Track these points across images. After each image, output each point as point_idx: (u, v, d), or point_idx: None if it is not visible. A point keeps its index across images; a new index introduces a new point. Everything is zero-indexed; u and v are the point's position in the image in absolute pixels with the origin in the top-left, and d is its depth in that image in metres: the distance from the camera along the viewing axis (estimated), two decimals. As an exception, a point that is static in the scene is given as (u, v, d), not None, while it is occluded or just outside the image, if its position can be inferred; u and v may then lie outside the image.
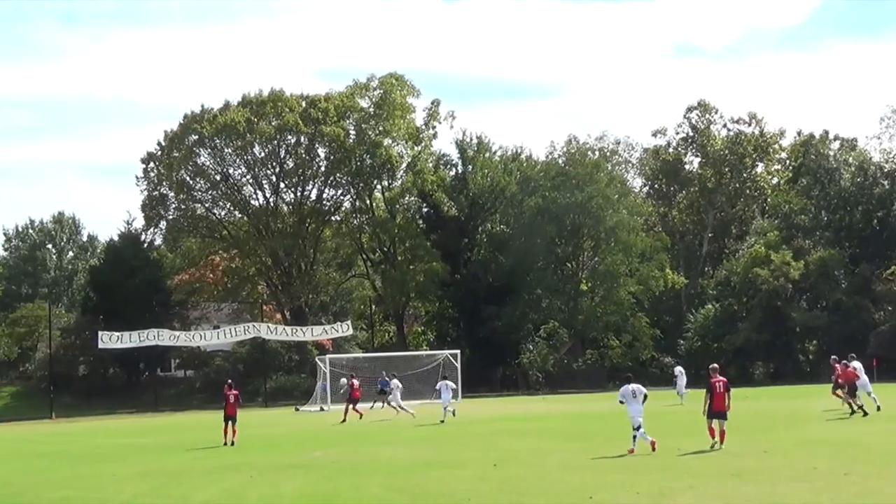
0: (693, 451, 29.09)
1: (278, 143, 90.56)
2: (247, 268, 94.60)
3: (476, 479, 25.25)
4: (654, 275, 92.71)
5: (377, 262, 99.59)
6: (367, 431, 45.16)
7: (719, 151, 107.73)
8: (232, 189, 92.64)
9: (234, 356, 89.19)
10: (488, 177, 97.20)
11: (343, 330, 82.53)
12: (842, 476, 22.89)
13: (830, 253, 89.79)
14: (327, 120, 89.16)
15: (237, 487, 26.06)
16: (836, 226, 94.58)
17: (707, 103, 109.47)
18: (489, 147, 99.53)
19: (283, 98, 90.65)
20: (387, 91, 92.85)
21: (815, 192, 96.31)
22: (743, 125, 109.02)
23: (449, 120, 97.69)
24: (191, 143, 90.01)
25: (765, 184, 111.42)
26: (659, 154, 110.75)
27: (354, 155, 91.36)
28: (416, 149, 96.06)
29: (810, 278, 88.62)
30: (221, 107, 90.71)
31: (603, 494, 21.70)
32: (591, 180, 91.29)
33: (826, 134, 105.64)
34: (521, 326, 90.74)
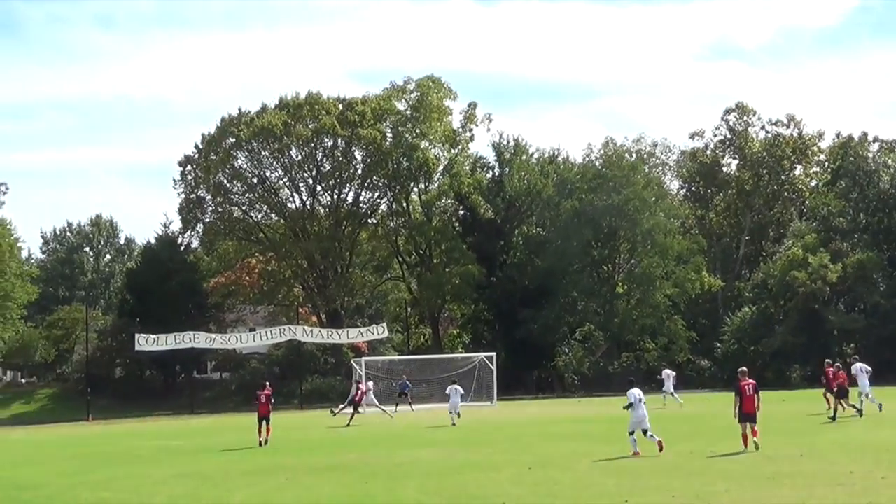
0: (728, 455, 28.98)
1: (315, 145, 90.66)
2: (283, 270, 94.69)
3: (510, 483, 25.23)
4: (690, 277, 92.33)
5: (413, 264, 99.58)
6: (402, 434, 45.17)
7: (757, 153, 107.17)
8: (268, 192, 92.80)
9: (270, 358, 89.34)
10: (525, 179, 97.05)
11: (378, 332, 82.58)
12: (879, 480, 22.77)
13: (868, 256, 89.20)
14: (364, 123, 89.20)
15: (272, 490, 26.13)
16: (874, 228, 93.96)
17: (745, 105, 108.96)
18: (526, 149, 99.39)
19: (319, 101, 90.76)
20: (423, 93, 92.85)
21: (854, 194, 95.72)
22: (781, 127, 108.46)
23: (486, 122, 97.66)
24: (228, 145, 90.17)
25: (803, 186, 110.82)
26: (696, 156, 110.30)
27: (391, 157, 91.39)
28: (452, 151, 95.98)
29: (848, 281, 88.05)
30: (258, 110, 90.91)
31: (638, 498, 21.65)
32: (627, 183, 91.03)
33: (865, 136, 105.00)
34: (556, 329, 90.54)
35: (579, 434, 40.38)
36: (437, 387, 71.22)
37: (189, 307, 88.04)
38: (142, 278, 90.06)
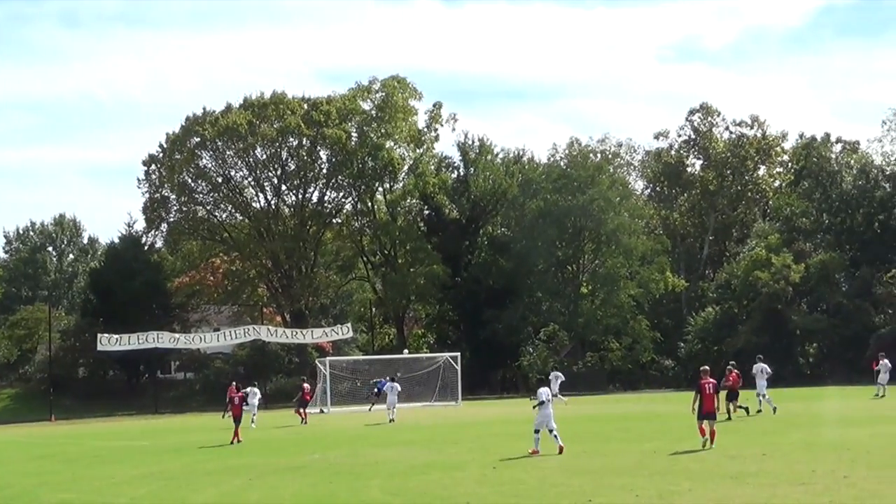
0: (691, 454, 29.10)
1: (280, 145, 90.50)
2: (247, 270, 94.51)
3: (475, 482, 25.26)
4: (654, 277, 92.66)
5: (378, 264, 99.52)
6: (366, 434, 45.16)
7: (721, 154, 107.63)
8: (233, 191, 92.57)
9: (234, 358, 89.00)
10: (490, 179, 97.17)
11: (343, 332, 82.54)
12: (841, 479, 22.89)
13: (831, 256, 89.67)
14: (329, 122, 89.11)
15: (236, 490, 26.09)
16: (837, 229, 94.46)
17: (709, 106, 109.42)
18: (491, 149, 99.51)
19: (284, 100, 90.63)
20: (389, 93, 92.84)
21: (817, 194, 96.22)
22: (745, 128, 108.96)
23: (451, 122, 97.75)
24: (192, 145, 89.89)
25: (766, 186, 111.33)
26: (661, 156, 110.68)
27: (356, 157, 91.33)
28: (417, 151, 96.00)
29: (811, 281, 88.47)
30: (223, 109, 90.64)
31: (602, 498, 21.72)
32: (592, 183, 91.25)
33: (828, 137, 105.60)
34: (521, 329, 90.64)
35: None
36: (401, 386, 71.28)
37: (153, 307, 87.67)
38: (105, 278, 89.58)
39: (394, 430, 46.05)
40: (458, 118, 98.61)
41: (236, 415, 42.39)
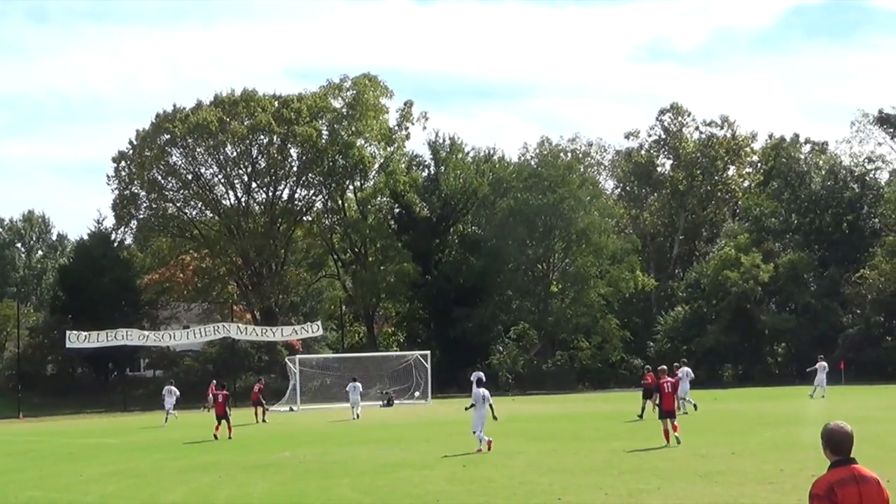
0: (660, 453, 29.22)
1: (250, 142, 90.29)
2: (217, 268, 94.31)
3: (445, 481, 25.28)
4: (624, 277, 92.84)
5: (348, 262, 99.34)
6: (335, 432, 45.15)
7: (691, 154, 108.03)
8: (203, 189, 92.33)
9: (204, 356, 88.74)
10: (460, 178, 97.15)
11: (313, 330, 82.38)
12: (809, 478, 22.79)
13: (800, 256, 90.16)
14: (300, 120, 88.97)
15: (205, 488, 26.04)
16: (805, 229, 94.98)
17: (679, 106, 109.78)
18: (462, 148, 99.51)
19: (255, 98, 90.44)
20: (360, 91, 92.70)
21: (786, 195, 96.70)
22: (715, 128, 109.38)
23: (422, 121, 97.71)
24: (162, 142, 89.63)
25: (736, 186, 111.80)
26: (631, 156, 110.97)
27: (327, 155, 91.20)
28: (388, 149, 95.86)
29: (780, 281, 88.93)
30: (194, 106, 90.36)
31: (571, 496, 21.76)
32: (563, 182, 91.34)
33: (797, 137, 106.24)
34: (491, 328, 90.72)
35: (513, 432, 40.47)
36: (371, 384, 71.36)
37: (122, 304, 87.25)
38: (74, 275, 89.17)
39: (363, 429, 46.05)
40: (429, 117, 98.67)
41: (219, 413, 43.35)
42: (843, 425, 8.67)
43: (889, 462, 25.42)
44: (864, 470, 8.56)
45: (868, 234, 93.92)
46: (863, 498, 8.40)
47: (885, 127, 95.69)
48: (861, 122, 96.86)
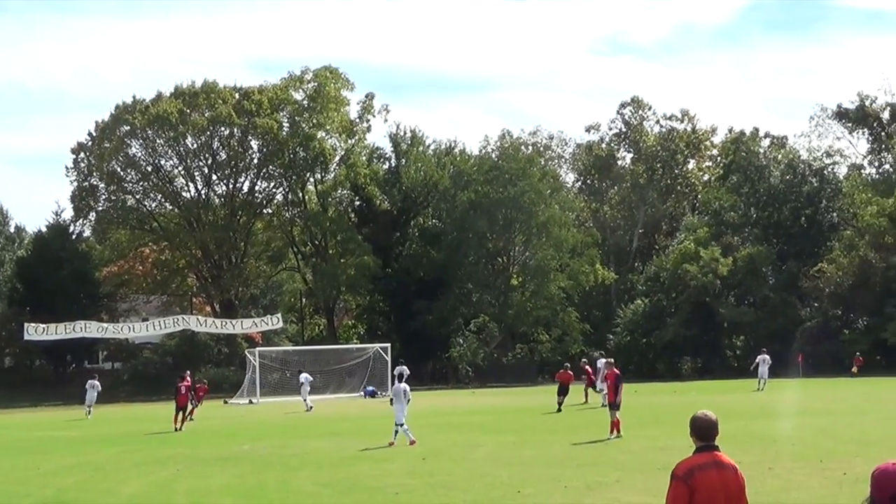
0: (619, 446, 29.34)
1: (211, 134, 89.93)
2: (177, 260, 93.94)
3: (404, 474, 25.29)
4: (584, 270, 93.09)
5: (308, 255, 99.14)
6: (295, 425, 45.10)
7: (651, 148, 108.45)
8: (163, 181, 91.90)
9: (163, 348, 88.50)
10: (421, 171, 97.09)
11: (273, 323, 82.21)
12: (766, 470, 23.13)
13: (759, 250, 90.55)
14: (261, 112, 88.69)
15: (164, 481, 25.96)
16: (764, 223, 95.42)
17: (640, 100, 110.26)
18: (423, 141, 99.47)
19: (216, 90, 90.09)
20: (321, 84, 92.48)
21: (745, 189, 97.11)
22: (675, 122, 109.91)
23: (383, 113, 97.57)
24: (122, 133, 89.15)
25: (696, 180, 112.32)
26: (592, 150, 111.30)
27: (287, 147, 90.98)
28: (349, 142, 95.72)
29: (738, 275, 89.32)
30: (154, 98, 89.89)
31: (530, 488, 21.80)
32: (523, 175, 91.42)
33: (756, 131, 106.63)
34: (451, 320, 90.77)
35: (473, 425, 40.55)
36: (331, 377, 71.36)
37: (81, 296, 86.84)
38: (32, 267, 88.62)
39: (323, 421, 45.99)
40: (391, 109, 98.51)
41: (181, 404, 44.82)
42: (708, 414, 9.27)
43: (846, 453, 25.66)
44: (724, 457, 9.07)
45: (826, 228, 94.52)
46: (719, 482, 8.86)
47: (844, 121, 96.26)
48: (820, 117, 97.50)
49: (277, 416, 52.54)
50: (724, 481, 8.88)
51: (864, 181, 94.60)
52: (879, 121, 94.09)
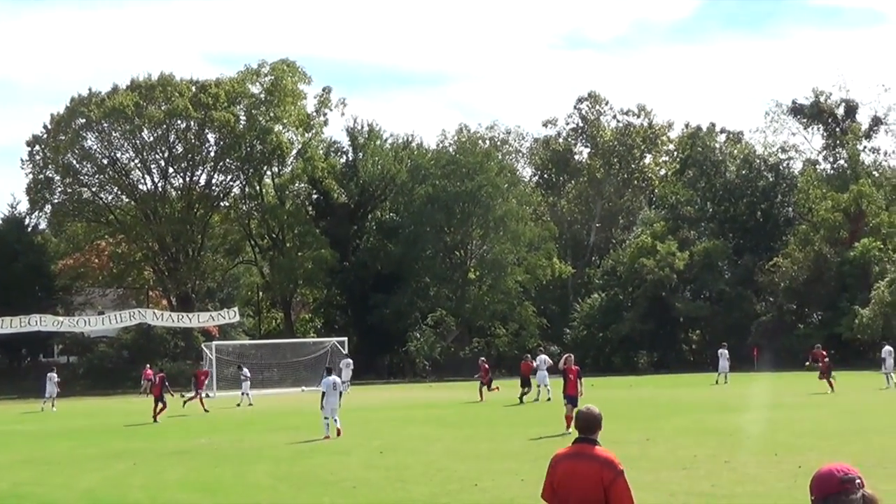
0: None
1: (167, 127, 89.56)
2: (133, 253, 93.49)
3: (362, 467, 25.33)
4: (541, 264, 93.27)
5: (265, 248, 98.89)
6: (252, 419, 45.04)
7: (608, 142, 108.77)
8: (119, 173, 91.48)
9: (119, 342, 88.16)
10: (378, 164, 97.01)
11: (230, 317, 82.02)
12: (722, 464, 23.31)
13: (715, 244, 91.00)
14: (217, 105, 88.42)
15: (120, 475, 25.88)
16: (720, 217, 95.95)
17: (597, 94, 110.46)
18: (380, 135, 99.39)
19: (172, 82, 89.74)
20: (278, 77, 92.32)
21: (701, 183, 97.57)
22: (632, 116, 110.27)
23: (340, 107, 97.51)
24: (78, 126, 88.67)
25: (652, 175, 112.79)
26: (549, 144, 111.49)
27: (244, 141, 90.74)
28: (306, 135, 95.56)
29: (695, 269, 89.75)
30: (110, 90, 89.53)
31: (488, 482, 21.88)
32: (481, 169, 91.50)
33: (713, 126, 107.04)
34: (408, 314, 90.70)
35: (430, 418, 40.64)
36: (288, 371, 71.24)
37: (36, 290, 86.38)
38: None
39: (279, 415, 45.95)
40: (348, 103, 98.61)
41: (157, 395, 45.90)
42: (592, 409, 9.55)
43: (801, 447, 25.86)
44: (594, 450, 9.30)
45: (781, 223, 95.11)
46: (574, 472, 9.18)
47: (799, 117, 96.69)
48: (775, 112, 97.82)
49: (234, 409, 52.47)
50: (580, 472, 9.15)
51: (818, 176, 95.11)
52: (834, 116, 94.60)
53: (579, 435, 9.45)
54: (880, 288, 77.87)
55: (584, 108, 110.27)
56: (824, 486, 5.95)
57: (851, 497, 5.87)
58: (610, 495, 9.05)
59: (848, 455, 24.01)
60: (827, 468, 6.01)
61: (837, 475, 5.94)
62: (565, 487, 9.18)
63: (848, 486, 5.88)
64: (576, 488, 9.11)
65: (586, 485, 9.07)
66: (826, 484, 5.95)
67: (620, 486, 9.10)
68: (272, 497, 21.48)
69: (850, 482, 5.90)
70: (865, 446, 25.64)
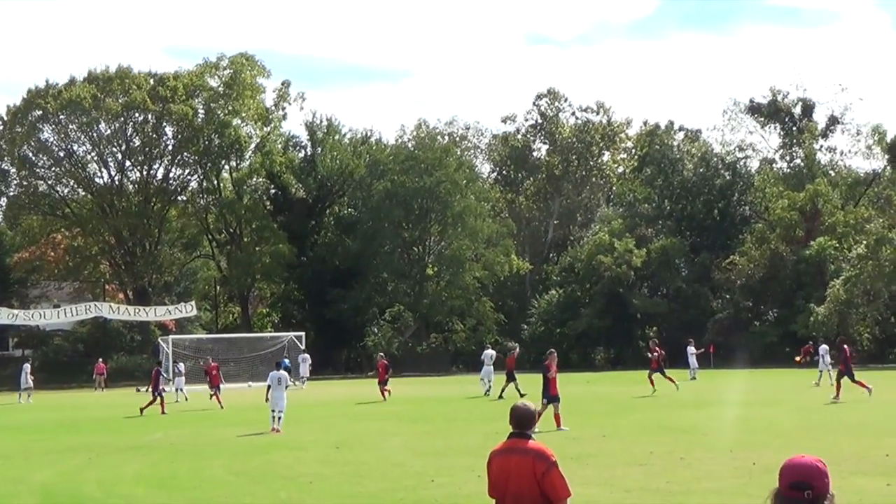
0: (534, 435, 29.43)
1: (125, 120, 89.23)
2: (89, 246, 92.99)
3: (318, 462, 25.27)
4: (499, 260, 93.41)
5: (223, 242, 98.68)
6: (209, 413, 44.89)
7: (567, 139, 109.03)
8: (76, 166, 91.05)
9: (74, 336, 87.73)
10: (337, 159, 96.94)
11: (187, 310, 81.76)
12: (678, 460, 23.39)
13: (672, 242, 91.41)
14: (175, 98, 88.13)
15: (74, 469, 25.72)
16: (677, 215, 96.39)
17: (556, 91, 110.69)
18: (339, 129, 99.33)
19: (130, 75, 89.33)
20: (236, 71, 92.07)
21: (659, 181, 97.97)
22: (591, 114, 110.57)
23: (299, 101, 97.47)
24: (34, 118, 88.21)
25: (610, 172, 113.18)
26: (508, 140, 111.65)
27: (202, 134, 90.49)
28: (264, 130, 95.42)
29: (652, 266, 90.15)
30: (67, 82, 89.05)
31: (444, 478, 21.86)
32: (439, 165, 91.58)
33: (671, 124, 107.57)
34: (366, 309, 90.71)
35: (387, 414, 40.60)
36: (245, 366, 71.02)
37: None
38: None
39: (235, 410, 45.79)
40: (307, 97, 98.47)
41: (154, 388, 46.42)
42: (527, 404, 9.67)
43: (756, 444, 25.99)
44: (526, 444, 9.33)
45: (738, 221, 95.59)
46: (508, 466, 9.24)
47: (756, 116, 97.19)
48: (732, 111, 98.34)
49: (191, 404, 52.29)
50: (513, 466, 9.21)
51: (775, 175, 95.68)
52: (791, 115, 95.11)
53: (513, 430, 9.48)
54: (835, 286, 78.35)
55: (543, 105, 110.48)
56: (789, 474, 5.98)
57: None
58: (543, 487, 9.07)
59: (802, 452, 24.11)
60: (796, 458, 6.04)
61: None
62: (501, 482, 9.27)
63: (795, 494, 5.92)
64: (511, 482, 9.18)
65: (520, 478, 9.12)
66: (791, 472, 5.98)
67: (553, 476, 9.10)
68: (228, 492, 21.39)
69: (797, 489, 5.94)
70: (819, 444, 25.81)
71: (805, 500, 5.87)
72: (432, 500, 19.29)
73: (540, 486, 9.07)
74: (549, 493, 9.08)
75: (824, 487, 5.91)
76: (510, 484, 9.17)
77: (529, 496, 9.08)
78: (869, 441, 25.78)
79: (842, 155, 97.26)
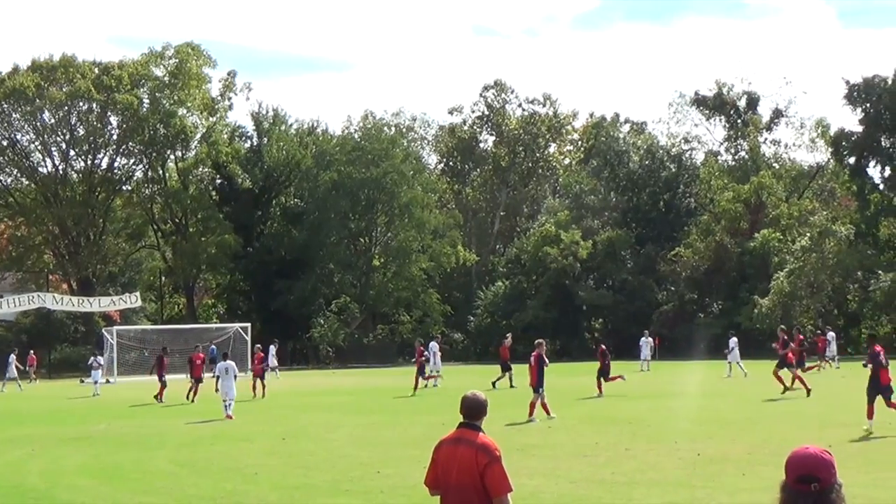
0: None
1: (69, 109, 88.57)
2: (33, 236, 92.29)
3: (264, 454, 25.23)
4: (445, 251, 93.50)
5: (168, 233, 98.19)
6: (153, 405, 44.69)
7: (514, 131, 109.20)
8: (19, 155, 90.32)
9: (17, 326, 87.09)
10: (283, 150, 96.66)
11: (131, 301, 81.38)
12: (623, 451, 23.52)
13: (618, 233, 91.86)
14: (120, 87, 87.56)
15: (17, 461, 25.54)
16: (623, 207, 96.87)
17: (503, 83, 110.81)
18: (285, 120, 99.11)
19: (74, 64, 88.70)
20: (182, 60, 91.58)
21: (605, 173, 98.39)
22: (538, 105, 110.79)
23: (245, 92, 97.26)
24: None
25: (557, 164, 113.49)
26: (454, 132, 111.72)
27: (148, 124, 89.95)
28: (210, 120, 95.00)
29: (598, 258, 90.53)
30: (10, 71, 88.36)
31: (390, 469, 21.88)
32: (386, 156, 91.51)
33: (617, 117, 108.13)
34: (312, 300, 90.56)
35: (333, 405, 40.57)
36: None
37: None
38: None
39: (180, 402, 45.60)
40: (253, 88, 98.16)
41: (159, 375, 48.29)
42: (477, 394, 9.60)
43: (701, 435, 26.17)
44: (475, 436, 9.33)
45: (683, 213, 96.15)
46: (453, 456, 9.25)
47: (701, 108, 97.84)
48: (678, 104, 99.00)
49: (135, 395, 51.99)
50: (458, 457, 9.21)
51: (720, 167, 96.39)
52: (736, 108, 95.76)
53: (463, 420, 9.47)
54: (779, 278, 78.99)
55: (489, 97, 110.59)
56: (796, 467, 5.98)
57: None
58: (485, 480, 9.05)
59: (746, 443, 24.39)
60: (802, 449, 6.05)
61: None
62: (445, 472, 9.26)
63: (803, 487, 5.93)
64: (454, 473, 9.17)
65: (463, 470, 9.12)
66: (798, 464, 5.98)
67: (494, 471, 9.08)
68: (173, 483, 21.31)
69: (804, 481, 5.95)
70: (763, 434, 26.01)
71: (812, 493, 5.87)
72: (378, 490, 19.31)
73: (481, 480, 9.07)
74: (489, 487, 9.04)
75: (831, 478, 5.90)
76: (454, 474, 9.15)
77: (473, 488, 9.07)
78: (813, 433, 25.97)
79: (786, 148, 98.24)
